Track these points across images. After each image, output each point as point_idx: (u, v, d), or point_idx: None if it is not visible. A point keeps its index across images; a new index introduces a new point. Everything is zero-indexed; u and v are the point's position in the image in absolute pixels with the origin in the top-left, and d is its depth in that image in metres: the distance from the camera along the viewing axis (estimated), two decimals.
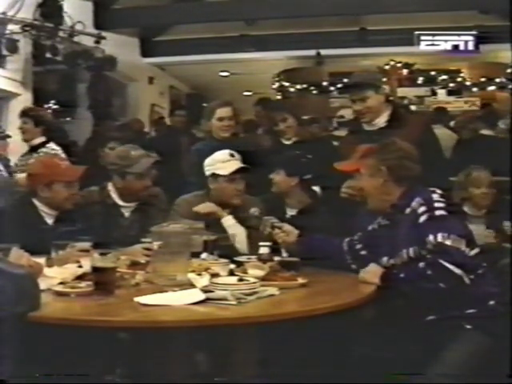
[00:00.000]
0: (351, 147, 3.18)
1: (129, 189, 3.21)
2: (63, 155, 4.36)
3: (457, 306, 2.21)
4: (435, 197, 2.34)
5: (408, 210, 2.36)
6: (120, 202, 3.25)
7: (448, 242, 2.20)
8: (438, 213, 2.28)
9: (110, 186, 3.26)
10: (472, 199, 3.58)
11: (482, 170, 3.63)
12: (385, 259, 2.41)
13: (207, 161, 3.19)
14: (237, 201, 3.11)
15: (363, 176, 2.54)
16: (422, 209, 2.31)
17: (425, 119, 4.05)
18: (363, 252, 2.59)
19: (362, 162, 2.54)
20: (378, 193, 2.48)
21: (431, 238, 2.23)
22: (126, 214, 3.25)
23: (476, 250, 2.28)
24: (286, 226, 2.77)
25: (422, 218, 2.30)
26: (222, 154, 3.15)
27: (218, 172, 3.10)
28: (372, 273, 2.34)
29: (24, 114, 4.59)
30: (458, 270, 2.15)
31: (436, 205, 2.31)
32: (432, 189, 2.41)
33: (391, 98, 3.49)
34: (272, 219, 2.81)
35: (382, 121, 3.26)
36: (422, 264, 2.21)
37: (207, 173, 3.16)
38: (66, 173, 3.02)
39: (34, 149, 4.44)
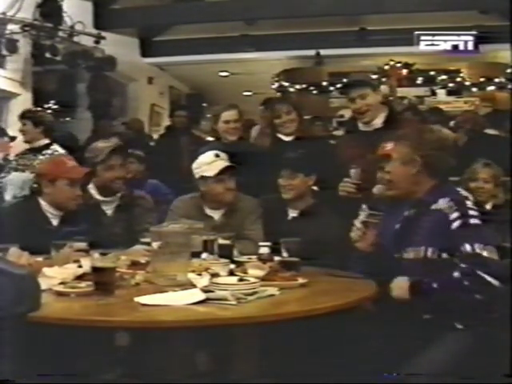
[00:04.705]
0: (347, 147, 3.18)
1: (101, 180, 3.24)
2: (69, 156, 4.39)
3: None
4: (468, 204, 2.27)
5: (434, 207, 2.28)
6: (99, 197, 3.25)
7: (485, 253, 2.16)
8: (472, 221, 2.22)
9: (91, 184, 3.28)
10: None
11: (483, 163, 3.48)
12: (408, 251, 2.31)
13: (194, 164, 3.19)
14: (229, 198, 3.11)
15: (395, 162, 2.40)
16: (456, 214, 2.23)
17: (420, 121, 4.03)
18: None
19: (395, 148, 2.42)
20: (407, 182, 2.38)
21: (468, 247, 2.17)
22: (108, 212, 3.25)
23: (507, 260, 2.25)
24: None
25: (455, 224, 2.22)
26: (207, 156, 3.16)
27: (205, 174, 3.11)
28: (399, 288, 2.22)
29: (23, 116, 4.62)
30: (495, 282, 2.11)
31: (470, 212, 2.24)
32: (458, 189, 2.35)
33: (390, 99, 3.46)
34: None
35: (378, 122, 3.25)
36: (456, 274, 2.15)
37: (196, 176, 3.16)
38: (71, 171, 3.03)
39: (37, 150, 4.48)
